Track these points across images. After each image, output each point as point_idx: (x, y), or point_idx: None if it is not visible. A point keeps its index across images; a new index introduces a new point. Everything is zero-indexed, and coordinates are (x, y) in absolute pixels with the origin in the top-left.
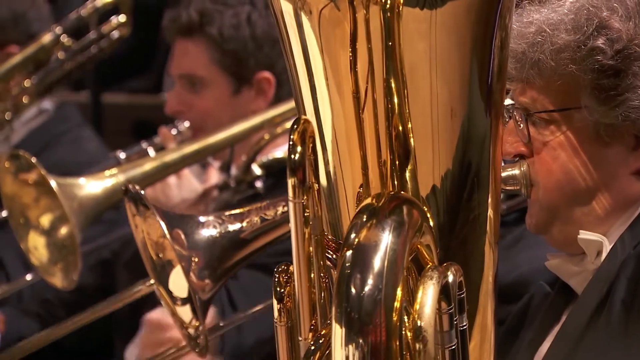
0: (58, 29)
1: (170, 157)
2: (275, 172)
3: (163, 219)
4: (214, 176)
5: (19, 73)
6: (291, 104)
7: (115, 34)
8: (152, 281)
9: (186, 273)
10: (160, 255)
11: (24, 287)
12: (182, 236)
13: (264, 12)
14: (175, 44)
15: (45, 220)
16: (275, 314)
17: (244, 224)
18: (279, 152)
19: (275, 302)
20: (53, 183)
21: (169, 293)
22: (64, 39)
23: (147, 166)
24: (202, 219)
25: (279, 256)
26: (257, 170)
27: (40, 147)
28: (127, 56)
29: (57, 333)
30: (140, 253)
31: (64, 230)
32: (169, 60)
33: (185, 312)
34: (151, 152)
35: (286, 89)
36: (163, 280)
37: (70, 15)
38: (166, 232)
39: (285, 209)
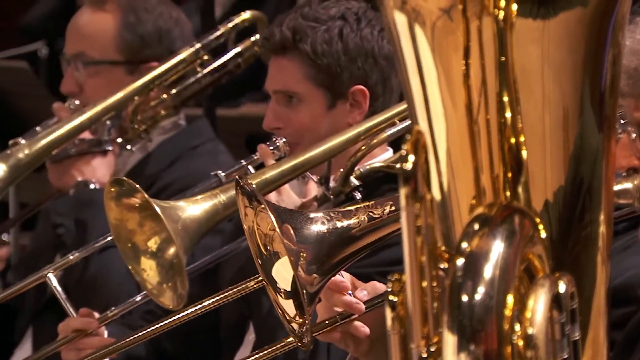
0: (197, 45)
1: (269, 174)
2: (371, 181)
3: (274, 214)
4: (313, 189)
5: (158, 86)
6: (385, 115)
7: (251, 51)
8: (259, 277)
9: (294, 267)
10: (268, 247)
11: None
12: (292, 231)
13: (355, 26)
14: (270, 61)
15: (152, 243)
16: (389, 322)
17: (352, 221)
18: (376, 162)
19: (388, 310)
20: (156, 207)
21: (273, 283)
22: (203, 54)
23: None
24: (311, 215)
25: (382, 266)
26: (354, 181)
27: (174, 158)
28: (240, 71)
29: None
30: (247, 239)
31: (170, 252)
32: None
33: (289, 306)
34: (250, 169)
35: (380, 101)
36: (267, 269)
37: (210, 32)
38: (276, 226)
39: (393, 208)
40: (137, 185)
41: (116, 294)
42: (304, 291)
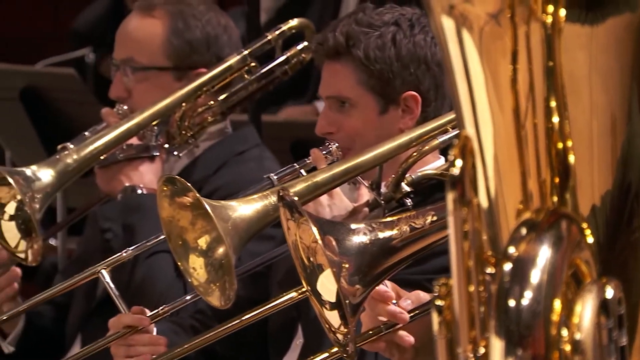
0: (245, 52)
1: (320, 177)
2: (424, 188)
3: (316, 226)
4: (365, 195)
5: (205, 93)
6: (437, 122)
7: (298, 58)
8: (303, 288)
9: (337, 278)
10: (311, 259)
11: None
12: (334, 242)
13: (408, 33)
14: (323, 66)
15: (203, 241)
16: (435, 326)
17: (394, 232)
18: (427, 169)
19: (435, 315)
20: (207, 206)
21: (318, 295)
22: (250, 61)
23: (299, 187)
24: (353, 226)
25: (430, 274)
26: (406, 187)
27: (220, 164)
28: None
29: (208, 340)
30: (291, 254)
31: (220, 251)
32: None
33: (333, 317)
34: (303, 173)
35: (432, 107)
36: (312, 282)
37: (257, 39)
38: (318, 238)
39: (435, 218)
40: (189, 184)
41: (163, 299)
42: (347, 302)
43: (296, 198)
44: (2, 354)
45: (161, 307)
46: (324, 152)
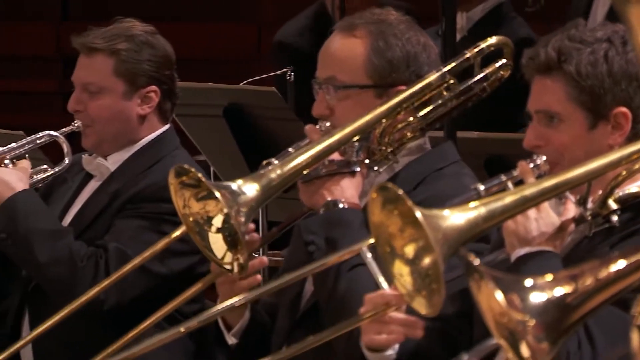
0: (444, 69)
1: (529, 191)
2: (631, 206)
3: (498, 286)
4: (571, 209)
5: (405, 109)
6: None
7: (497, 75)
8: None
9: (524, 336)
10: (504, 321)
11: None
12: (517, 300)
13: (621, 49)
14: (533, 80)
15: (410, 249)
16: (635, 344)
17: (577, 285)
18: (635, 187)
19: (636, 333)
20: (418, 214)
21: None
22: (449, 78)
23: (507, 199)
24: (529, 282)
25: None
26: (613, 204)
27: (420, 180)
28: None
29: None
30: (488, 325)
31: (427, 260)
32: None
33: None
34: (509, 185)
35: None
36: (513, 343)
37: (457, 57)
38: (502, 299)
39: (621, 265)
40: (401, 192)
41: None
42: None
43: (478, 262)
44: (224, 346)
45: None
46: (532, 166)
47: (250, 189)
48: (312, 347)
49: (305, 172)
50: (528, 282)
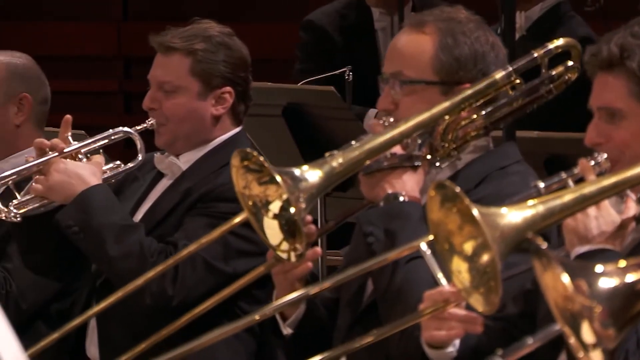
0: (510, 68)
1: (588, 189)
2: None
3: (565, 270)
4: (632, 208)
5: (469, 107)
6: None
7: (563, 77)
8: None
9: (590, 322)
10: (569, 306)
11: None
12: (585, 286)
13: None
14: (595, 77)
15: (468, 246)
16: None
17: None
18: None
19: None
20: (475, 212)
21: (582, 342)
22: (515, 78)
23: (566, 197)
24: (599, 268)
25: None
26: None
27: (482, 177)
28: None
29: None
30: (551, 309)
31: (485, 257)
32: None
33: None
34: (570, 183)
35: None
36: (575, 328)
37: (524, 57)
38: (569, 283)
39: None
40: (458, 189)
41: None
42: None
43: (545, 245)
44: (280, 336)
45: None
46: (593, 163)
47: (312, 175)
48: (370, 343)
49: (367, 162)
50: (598, 268)
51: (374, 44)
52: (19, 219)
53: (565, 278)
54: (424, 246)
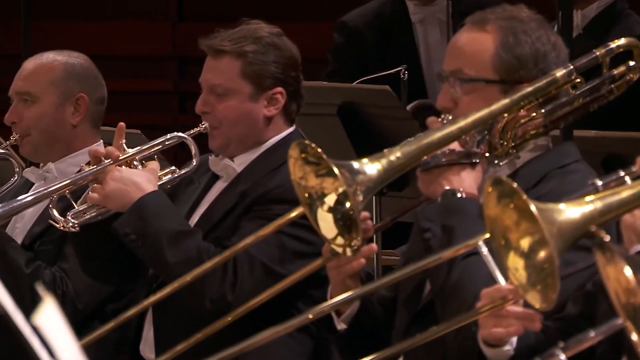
0: (571, 67)
1: None
2: None
3: (628, 264)
4: None
5: (529, 104)
6: None
7: (625, 77)
8: None
9: None
10: (631, 300)
11: None
12: None
13: None
14: None
15: (525, 243)
16: None
17: None
18: None
19: None
20: (533, 207)
21: None
22: (575, 77)
23: (624, 193)
24: None
25: None
26: None
27: (542, 176)
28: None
29: None
30: (612, 301)
31: (542, 254)
32: None
33: None
34: (628, 181)
35: None
36: (637, 323)
37: (585, 55)
38: (632, 276)
39: None
40: (515, 185)
41: (477, 300)
42: None
43: (608, 238)
44: (333, 331)
45: None
46: None
47: (371, 168)
48: (428, 340)
49: (424, 157)
50: None
51: (412, 37)
52: (77, 228)
53: (628, 271)
54: (481, 244)
